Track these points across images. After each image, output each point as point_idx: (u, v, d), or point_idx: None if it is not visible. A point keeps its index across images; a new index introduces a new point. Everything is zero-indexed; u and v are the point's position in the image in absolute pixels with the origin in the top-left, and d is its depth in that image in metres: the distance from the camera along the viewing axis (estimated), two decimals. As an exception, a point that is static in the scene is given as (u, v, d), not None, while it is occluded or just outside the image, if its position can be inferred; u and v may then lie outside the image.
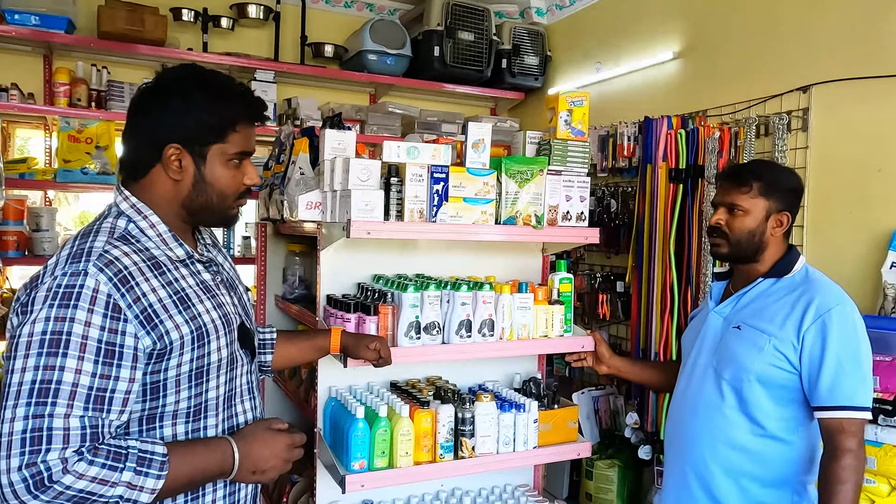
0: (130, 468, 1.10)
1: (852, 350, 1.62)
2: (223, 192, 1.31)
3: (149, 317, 1.17)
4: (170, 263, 1.26)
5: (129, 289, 1.15)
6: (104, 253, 1.16)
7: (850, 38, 2.65)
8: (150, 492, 1.12)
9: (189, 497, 1.26)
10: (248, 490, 1.38)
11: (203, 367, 1.25)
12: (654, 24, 3.69)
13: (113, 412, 1.12)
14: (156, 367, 1.19)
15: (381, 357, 1.72)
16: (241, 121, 1.29)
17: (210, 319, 1.27)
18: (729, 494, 1.71)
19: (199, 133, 1.26)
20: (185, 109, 1.25)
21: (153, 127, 1.26)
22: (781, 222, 1.78)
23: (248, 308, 1.47)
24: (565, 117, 2.00)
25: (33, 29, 3.40)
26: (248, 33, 4.23)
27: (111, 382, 1.12)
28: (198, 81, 1.28)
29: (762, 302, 1.75)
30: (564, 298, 2.09)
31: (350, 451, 1.81)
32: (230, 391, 1.33)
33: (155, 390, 1.20)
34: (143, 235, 1.25)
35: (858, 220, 2.59)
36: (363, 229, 1.76)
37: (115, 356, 1.12)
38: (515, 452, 2.01)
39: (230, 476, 1.25)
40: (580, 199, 2.04)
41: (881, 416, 2.10)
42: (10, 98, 3.40)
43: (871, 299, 2.49)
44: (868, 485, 2.09)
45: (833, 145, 2.70)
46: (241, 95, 1.31)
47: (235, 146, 1.29)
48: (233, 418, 1.34)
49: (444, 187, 1.86)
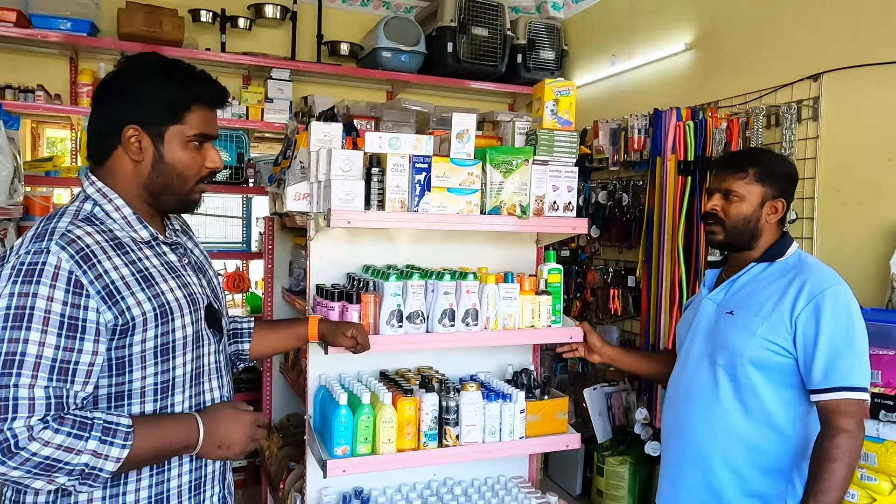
0: (95, 437, 1.14)
1: (846, 331, 1.58)
2: (183, 173, 1.33)
3: (110, 293, 1.20)
4: (133, 244, 1.29)
5: (91, 266, 1.19)
6: (66, 232, 1.20)
7: (861, 23, 2.58)
8: (115, 461, 1.16)
9: (155, 470, 1.29)
10: (215, 466, 1.40)
11: (168, 344, 1.28)
12: (667, 14, 3.64)
13: (77, 383, 1.16)
14: (120, 342, 1.22)
15: (359, 343, 1.74)
16: (198, 103, 1.32)
17: (174, 298, 1.30)
18: (724, 482, 1.68)
19: (156, 114, 1.29)
20: (142, 92, 1.28)
21: (113, 111, 1.29)
22: (776, 209, 1.75)
23: (217, 291, 1.49)
24: (551, 107, 1.99)
25: (58, 32, 3.54)
26: (266, 33, 4.32)
27: (74, 355, 1.16)
28: (156, 66, 1.31)
29: (754, 286, 1.73)
30: (553, 289, 2.08)
31: (333, 437, 1.84)
32: (197, 369, 1.37)
33: (121, 366, 1.23)
34: (108, 218, 1.29)
35: (868, 211, 2.51)
36: (344, 218, 1.78)
37: (77, 329, 1.16)
38: (501, 442, 2.01)
39: (195, 450, 1.28)
40: (567, 190, 2.03)
41: (882, 411, 2.04)
42: (37, 99, 3.55)
43: (880, 292, 2.41)
44: (869, 482, 2.03)
45: (843, 135, 2.63)
46: (198, 79, 1.33)
47: (194, 128, 1.32)
48: (200, 395, 1.37)
49: (427, 177, 1.87)
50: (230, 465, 1.49)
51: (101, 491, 1.23)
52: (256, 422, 1.37)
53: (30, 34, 3.49)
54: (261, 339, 1.72)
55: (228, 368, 1.52)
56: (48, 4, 3.55)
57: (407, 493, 2.15)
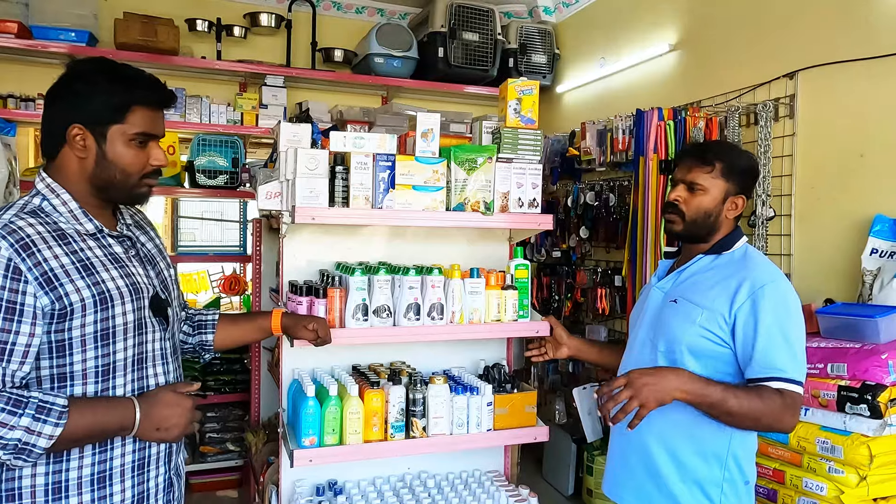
0: (29, 414, 1.21)
1: (783, 325, 1.60)
2: (126, 170, 1.40)
3: (48, 279, 1.27)
4: (77, 236, 1.36)
5: (31, 254, 1.27)
6: (9, 223, 1.28)
7: (835, 21, 2.60)
8: (48, 437, 1.23)
9: (98, 449, 1.35)
10: (160, 448, 1.46)
11: (108, 329, 1.35)
12: (652, 16, 3.68)
13: (13, 362, 1.25)
14: (59, 326, 1.29)
15: (319, 336, 1.79)
16: (140, 103, 1.39)
17: (115, 286, 1.36)
18: (663, 467, 1.71)
19: (98, 114, 1.36)
20: (86, 93, 1.36)
21: (60, 111, 1.37)
22: (737, 205, 1.78)
23: (167, 282, 1.56)
24: (514, 106, 2.04)
25: (59, 43, 3.65)
26: (261, 41, 4.41)
27: (11, 336, 1.24)
28: (100, 69, 1.38)
29: (700, 276, 1.76)
30: (520, 284, 2.12)
31: (301, 429, 1.89)
32: (140, 354, 1.42)
33: (61, 348, 1.30)
34: (55, 211, 1.36)
35: (841, 207, 2.53)
36: (308, 215, 1.85)
37: (15, 313, 1.24)
38: (469, 434, 2.05)
39: (132, 432, 1.35)
40: (532, 186, 2.08)
41: (848, 403, 2.05)
42: (37, 107, 3.66)
43: (853, 286, 2.42)
44: (836, 475, 2.04)
45: (819, 132, 2.65)
46: (141, 81, 1.40)
47: (135, 127, 1.39)
48: (143, 380, 1.43)
49: (391, 175, 1.93)
50: (178, 448, 1.55)
51: (44, 467, 1.30)
52: (195, 406, 1.43)
53: (31, 45, 3.60)
54: (225, 331, 1.78)
55: (177, 356, 1.58)
56: (48, 16, 3.67)
57: (380, 485, 2.19)
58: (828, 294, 2.51)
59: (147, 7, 3.96)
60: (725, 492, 1.68)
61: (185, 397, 1.41)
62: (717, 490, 1.68)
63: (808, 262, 2.67)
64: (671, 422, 1.71)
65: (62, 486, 1.31)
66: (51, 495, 1.31)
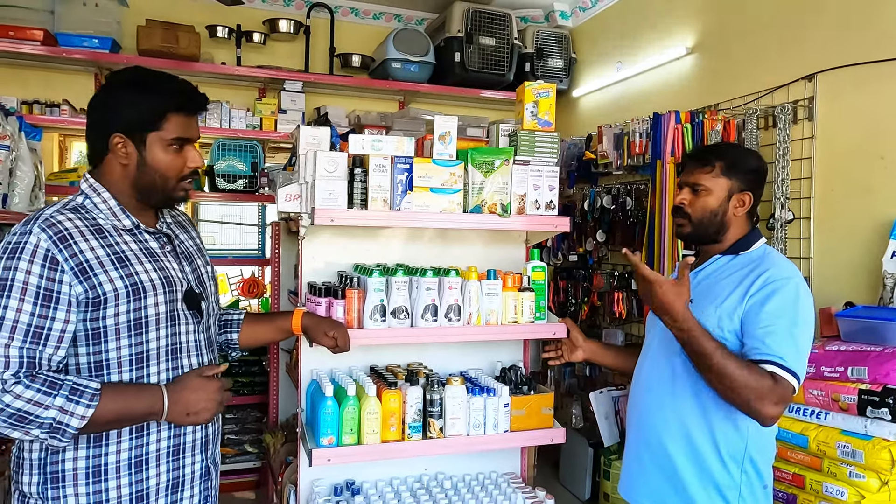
0: (63, 395, 1.30)
1: (792, 318, 1.59)
2: (164, 174, 1.49)
3: (83, 270, 1.36)
4: (115, 231, 1.46)
5: (67, 246, 1.36)
6: (49, 217, 1.38)
7: (853, 23, 2.58)
8: (80, 418, 1.31)
9: (134, 435, 1.44)
10: (195, 437, 1.54)
11: (141, 319, 1.43)
12: (669, 19, 3.67)
13: (49, 346, 1.33)
14: (94, 314, 1.37)
15: (338, 345, 1.81)
16: (174, 111, 1.47)
17: (148, 279, 1.45)
18: (680, 470, 1.70)
19: (137, 122, 1.45)
20: (125, 103, 1.45)
21: (101, 121, 1.47)
22: (744, 202, 1.78)
23: (203, 278, 1.64)
24: (531, 109, 2.05)
25: (83, 49, 3.73)
26: (280, 47, 4.46)
27: (47, 322, 1.32)
28: (137, 79, 1.48)
29: (717, 276, 1.76)
30: (536, 286, 2.12)
31: (320, 428, 1.91)
32: (174, 345, 1.50)
33: (97, 336, 1.39)
34: (96, 208, 1.46)
35: (861, 209, 2.51)
36: (327, 216, 1.87)
37: (51, 300, 1.33)
38: (486, 435, 2.05)
39: (162, 417, 1.42)
40: (549, 189, 2.08)
41: (869, 407, 2.03)
42: (62, 113, 3.73)
43: (873, 289, 2.40)
44: (857, 480, 2.02)
45: (838, 134, 2.63)
46: (174, 89, 1.48)
47: (171, 133, 1.47)
48: (178, 370, 1.51)
49: (409, 177, 1.95)
50: (216, 438, 1.63)
51: (84, 451, 1.40)
52: (222, 387, 1.51)
53: (56, 52, 3.68)
54: (249, 330, 1.85)
55: (212, 348, 1.67)
56: (73, 24, 3.74)
57: (397, 486, 2.20)
58: (848, 297, 2.49)
59: (169, 14, 4.03)
60: (743, 495, 1.67)
61: (211, 380, 1.49)
62: (734, 493, 1.67)
63: (827, 265, 2.64)
64: (687, 424, 1.70)
65: (101, 469, 1.41)
66: (91, 478, 1.40)
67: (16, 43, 3.60)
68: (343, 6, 4.63)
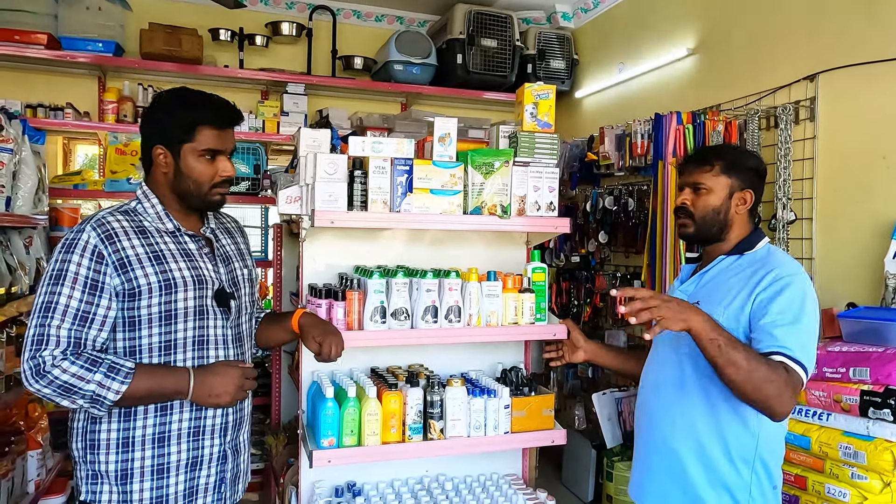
0: (102, 372, 1.49)
1: (798, 313, 1.58)
2: (198, 180, 1.65)
3: (123, 265, 1.55)
4: (157, 233, 1.64)
5: (112, 243, 1.56)
6: (101, 218, 1.59)
7: (855, 23, 2.58)
8: (116, 392, 1.49)
9: (158, 412, 1.60)
10: (215, 421, 1.67)
11: (171, 311, 1.60)
12: (671, 20, 3.67)
13: (94, 329, 1.53)
14: (130, 304, 1.56)
15: (321, 353, 1.78)
16: (205, 123, 1.63)
17: (181, 276, 1.61)
18: (690, 471, 1.69)
19: (173, 135, 1.63)
20: (163, 118, 1.64)
21: (147, 135, 1.67)
22: (745, 200, 1.78)
23: (238, 280, 1.78)
24: (531, 110, 2.05)
25: (86, 53, 3.75)
26: (283, 49, 4.48)
27: (93, 308, 1.52)
28: (176, 97, 1.65)
29: (721, 277, 1.76)
30: (537, 287, 2.12)
31: (320, 430, 1.91)
32: (201, 337, 1.65)
33: (132, 324, 1.57)
34: (145, 212, 1.66)
35: (864, 210, 2.50)
36: (327, 218, 1.87)
37: (96, 289, 1.53)
38: (486, 437, 2.05)
39: (188, 396, 1.59)
40: (549, 190, 2.08)
41: (871, 408, 2.02)
42: (65, 116, 3.75)
43: (875, 290, 2.39)
44: (860, 481, 2.01)
45: (840, 134, 2.62)
46: (206, 104, 1.65)
47: (203, 144, 1.64)
48: (204, 359, 1.66)
49: (409, 179, 1.95)
50: (237, 425, 1.75)
51: (115, 423, 1.59)
52: (245, 374, 1.66)
53: (59, 55, 3.70)
54: (263, 330, 1.95)
55: (239, 343, 1.77)
56: (77, 27, 3.77)
57: (398, 487, 2.21)
58: (850, 298, 2.48)
59: (172, 17, 4.05)
60: (753, 495, 1.66)
61: (235, 367, 1.64)
62: (744, 494, 1.66)
63: (829, 265, 2.64)
64: (696, 425, 1.70)
65: (129, 440, 1.59)
66: (120, 447, 1.59)
67: (20, 46, 3.62)
68: (345, 8, 4.64)
